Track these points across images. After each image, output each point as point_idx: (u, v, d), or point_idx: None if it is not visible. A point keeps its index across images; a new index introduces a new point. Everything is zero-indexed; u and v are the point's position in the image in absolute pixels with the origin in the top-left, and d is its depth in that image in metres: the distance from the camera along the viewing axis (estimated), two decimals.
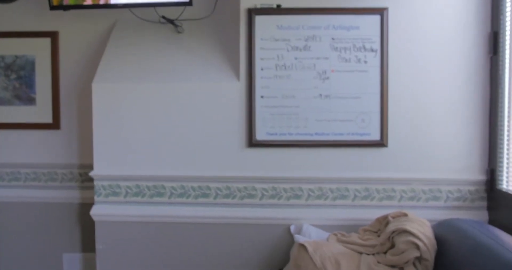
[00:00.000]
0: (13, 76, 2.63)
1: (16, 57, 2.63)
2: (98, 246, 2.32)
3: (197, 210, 2.29)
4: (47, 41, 2.62)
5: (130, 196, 2.31)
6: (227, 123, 2.27)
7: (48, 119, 2.62)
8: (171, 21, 2.45)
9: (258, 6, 2.27)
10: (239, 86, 2.27)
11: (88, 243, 2.63)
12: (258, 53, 2.25)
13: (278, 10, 2.27)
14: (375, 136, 2.24)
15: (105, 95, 2.29)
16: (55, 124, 2.62)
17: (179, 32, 2.47)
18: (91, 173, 2.30)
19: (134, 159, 2.29)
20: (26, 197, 2.67)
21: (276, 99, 2.25)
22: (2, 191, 2.68)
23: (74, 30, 2.62)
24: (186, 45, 2.44)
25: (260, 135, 2.25)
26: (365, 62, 2.23)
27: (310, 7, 2.25)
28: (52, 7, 2.38)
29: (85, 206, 2.61)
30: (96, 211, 2.31)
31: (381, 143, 2.23)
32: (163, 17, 2.45)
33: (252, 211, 2.27)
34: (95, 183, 2.31)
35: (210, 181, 2.28)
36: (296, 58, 2.25)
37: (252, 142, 2.25)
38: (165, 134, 2.29)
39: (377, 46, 2.23)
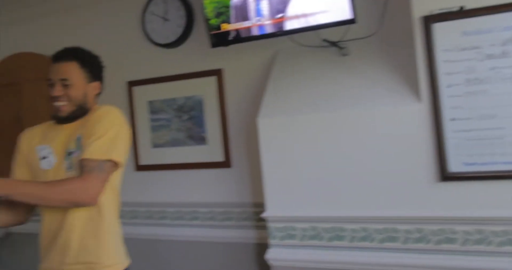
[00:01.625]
0: (185, 117, 2.68)
1: (187, 98, 2.68)
2: None
3: (382, 256, 1.97)
4: (212, 79, 2.62)
5: (306, 239, 2.10)
6: (411, 153, 1.92)
7: (220, 158, 2.60)
8: (334, 44, 2.23)
9: (436, 12, 1.90)
10: (421, 108, 1.91)
11: None
12: (441, 68, 1.88)
13: (461, 13, 1.86)
14: None
15: (272, 129, 2.15)
16: (226, 163, 2.59)
17: (344, 55, 2.24)
18: (264, 215, 2.16)
19: (308, 198, 2.09)
20: (204, 236, 2.68)
21: (471, 121, 1.82)
22: (183, 230, 2.74)
23: (237, 65, 2.59)
24: (353, 67, 2.18)
25: (454, 166, 1.84)
26: None
27: (504, 3, 1.80)
28: (214, 45, 2.36)
29: (262, 247, 2.50)
30: (272, 255, 2.16)
31: None
32: (325, 40, 2.25)
33: (448, 259, 1.87)
34: (269, 224, 2.17)
35: (397, 222, 1.94)
36: (492, 68, 1.81)
37: (445, 175, 1.85)
38: (340, 169, 2.04)
39: None
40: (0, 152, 3.11)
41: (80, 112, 1.69)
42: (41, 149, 1.71)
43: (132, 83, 2.86)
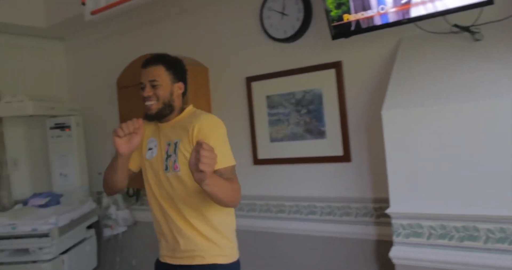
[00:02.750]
0: (304, 111, 2.68)
1: (305, 92, 2.67)
2: None
3: None
4: (331, 72, 2.58)
5: (434, 238, 1.97)
6: None
7: (339, 152, 2.55)
8: (466, 29, 2.07)
9: None
10: None
11: None
12: None
13: None
14: None
15: (397, 122, 2.05)
16: (345, 157, 2.53)
17: (477, 40, 2.06)
18: (388, 211, 2.07)
19: (436, 195, 1.96)
20: (321, 231, 2.65)
21: None
22: (300, 224, 2.73)
23: (357, 56, 2.51)
24: (487, 54, 2.00)
25: None
26: None
27: None
28: (334, 37, 2.32)
29: (382, 244, 2.41)
30: (395, 253, 2.06)
31: None
32: (456, 25, 2.09)
33: None
34: (393, 221, 2.07)
35: None
36: None
37: None
38: (473, 164, 1.87)
39: None
40: None
41: (167, 110, 1.90)
42: (151, 141, 1.96)
43: (251, 79, 2.92)
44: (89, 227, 3.63)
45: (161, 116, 1.90)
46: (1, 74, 3.75)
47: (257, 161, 2.90)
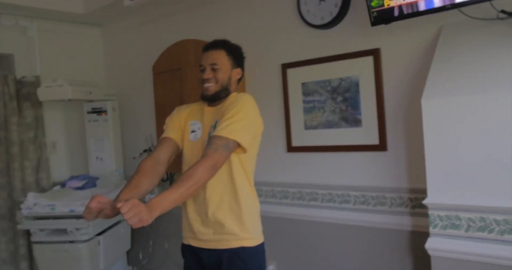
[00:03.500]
0: (339, 98, 2.64)
1: (341, 79, 2.63)
2: None
3: None
4: (369, 60, 2.53)
5: (473, 230, 1.93)
6: None
7: (375, 141, 2.51)
8: None
9: None
10: None
11: None
12: None
13: None
14: None
15: (437, 111, 2.00)
16: (381, 146, 2.49)
17: None
18: (425, 201, 2.03)
19: (476, 186, 1.91)
20: (355, 220, 2.63)
21: None
22: (333, 213, 2.72)
23: (396, 43, 2.45)
24: None
25: None
26: None
27: None
28: (374, 23, 2.27)
29: (418, 235, 2.37)
30: (431, 245, 2.02)
31: None
32: (503, 11, 2.01)
33: None
34: (430, 212, 2.03)
35: None
36: None
37: None
38: None
39: None
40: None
41: (223, 93, 1.96)
42: (193, 124, 2.00)
43: (286, 65, 2.90)
44: None
45: (216, 98, 1.96)
46: (40, 60, 3.84)
47: (291, 149, 2.89)
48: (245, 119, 1.83)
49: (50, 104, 3.86)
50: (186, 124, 2.02)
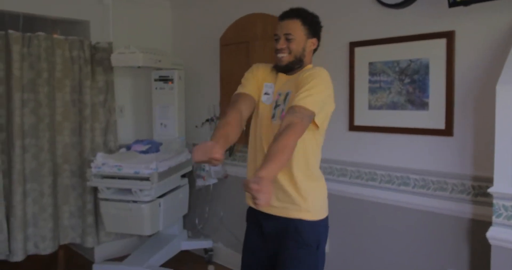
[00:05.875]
0: (407, 80, 2.60)
1: (411, 61, 2.59)
2: None
3: None
4: (442, 42, 2.47)
5: None
6: None
7: (441, 125, 2.47)
8: None
9: None
10: None
11: (477, 265, 2.36)
12: None
13: None
14: None
15: None
16: (447, 131, 2.45)
17: None
18: (491, 189, 2.00)
19: None
20: (412, 203, 2.63)
21: None
22: (390, 194, 2.72)
23: (472, 26, 2.37)
24: None
25: None
26: None
27: None
28: (452, 4, 2.21)
29: (477, 223, 2.34)
30: (493, 234, 2.00)
31: None
32: None
33: None
34: (495, 201, 2.00)
35: None
36: None
37: None
38: None
39: None
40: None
41: (297, 64, 1.96)
42: (268, 86, 2.00)
43: (354, 44, 2.87)
44: (183, 176, 3.87)
45: (290, 69, 1.97)
46: (114, 27, 3.99)
47: (353, 127, 2.89)
48: (321, 95, 1.83)
49: (120, 70, 4.03)
50: (262, 84, 2.02)
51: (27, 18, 3.71)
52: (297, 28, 1.92)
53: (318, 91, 1.82)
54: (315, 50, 2.03)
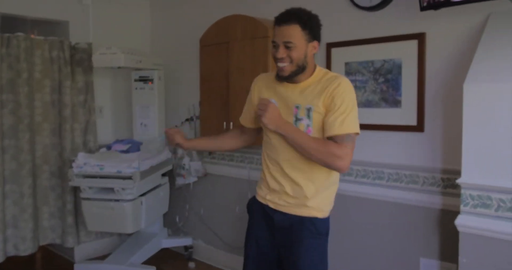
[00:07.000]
0: (381, 79, 2.75)
1: (384, 61, 2.73)
2: (462, 259, 2.16)
3: None
4: (413, 43, 2.61)
5: (502, 210, 2.05)
6: None
7: (413, 122, 2.62)
8: None
9: None
10: None
11: (447, 252, 2.51)
12: None
13: None
14: None
15: (478, 96, 2.09)
16: (419, 127, 2.60)
17: None
18: (459, 180, 2.15)
19: (509, 170, 2.02)
20: (387, 196, 2.76)
21: None
22: (367, 188, 2.86)
23: (442, 29, 2.53)
24: None
25: None
26: None
27: None
28: (423, 8, 2.35)
29: (446, 213, 2.50)
30: (461, 222, 2.15)
31: None
32: None
33: None
34: (462, 191, 2.15)
35: None
36: None
37: None
38: None
39: None
40: (210, 104, 3.58)
41: (300, 72, 1.87)
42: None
43: (331, 45, 3.00)
44: (163, 174, 3.92)
45: (292, 78, 1.88)
46: (93, 27, 4.02)
47: None
48: (353, 112, 1.85)
49: (100, 71, 4.06)
50: (258, 99, 2.01)
51: (6, 18, 3.71)
52: (297, 34, 1.78)
53: (350, 109, 1.82)
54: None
